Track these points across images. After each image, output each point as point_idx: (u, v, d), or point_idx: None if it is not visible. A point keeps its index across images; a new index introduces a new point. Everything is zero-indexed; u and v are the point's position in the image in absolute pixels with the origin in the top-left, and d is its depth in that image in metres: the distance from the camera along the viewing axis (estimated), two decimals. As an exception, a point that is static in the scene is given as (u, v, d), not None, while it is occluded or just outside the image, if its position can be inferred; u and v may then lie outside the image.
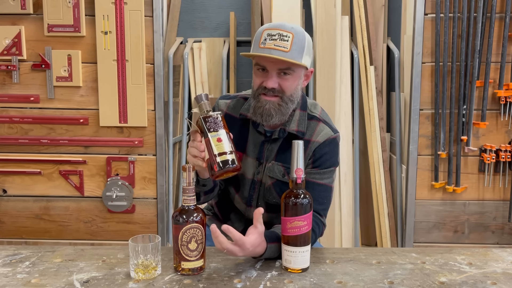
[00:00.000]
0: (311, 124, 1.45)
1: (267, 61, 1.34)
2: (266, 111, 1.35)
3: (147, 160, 2.40)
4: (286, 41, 1.31)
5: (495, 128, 2.35)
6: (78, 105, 2.36)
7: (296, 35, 1.33)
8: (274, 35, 1.32)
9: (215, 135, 1.22)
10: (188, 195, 1.17)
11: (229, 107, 1.53)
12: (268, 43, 1.32)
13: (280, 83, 1.35)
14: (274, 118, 1.37)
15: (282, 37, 1.31)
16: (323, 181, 1.43)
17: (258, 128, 1.45)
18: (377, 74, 2.69)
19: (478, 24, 2.26)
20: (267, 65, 1.34)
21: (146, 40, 2.31)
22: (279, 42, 1.31)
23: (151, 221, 2.44)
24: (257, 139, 1.46)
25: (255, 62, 1.38)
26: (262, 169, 1.46)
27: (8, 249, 1.35)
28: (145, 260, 1.16)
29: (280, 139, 1.44)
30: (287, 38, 1.31)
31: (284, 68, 1.33)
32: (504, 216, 2.41)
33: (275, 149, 1.45)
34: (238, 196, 1.53)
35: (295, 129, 1.42)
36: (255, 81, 1.39)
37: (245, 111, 1.47)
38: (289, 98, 1.37)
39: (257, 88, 1.38)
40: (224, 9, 2.94)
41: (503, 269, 1.24)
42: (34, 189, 2.41)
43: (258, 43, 1.34)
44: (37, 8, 2.29)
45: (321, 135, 1.44)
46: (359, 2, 2.66)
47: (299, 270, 1.20)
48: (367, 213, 2.85)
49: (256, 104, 1.38)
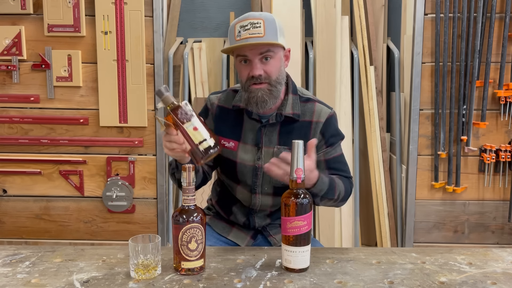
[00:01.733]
0: (307, 106, 1.52)
1: (247, 50, 1.40)
2: (260, 98, 1.42)
3: (147, 160, 2.40)
4: (259, 27, 1.38)
5: (495, 128, 2.35)
6: (78, 105, 2.36)
7: (266, 20, 1.40)
8: (246, 25, 1.39)
9: (190, 125, 1.23)
10: (188, 195, 1.17)
11: (221, 100, 1.58)
12: (242, 34, 1.38)
13: (265, 69, 1.41)
14: (268, 102, 1.43)
15: (253, 25, 1.38)
16: (338, 152, 1.54)
17: (252, 116, 1.50)
18: (377, 74, 2.69)
19: (478, 24, 2.26)
20: (248, 54, 1.40)
21: (146, 40, 2.31)
22: (253, 30, 1.38)
23: (151, 221, 2.44)
24: (253, 126, 1.51)
25: (236, 55, 1.44)
26: (262, 154, 1.49)
27: (8, 249, 1.35)
28: (145, 260, 1.16)
29: (277, 124, 1.50)
30: (258, 24, 1.38)
31: (264, 51, 1.39)
32: (504, 216, 2.41)
33: (275, 133, 1.50)
34: (240, 187, 1.55)
35: (290, 112, 1.48)
36: (242, 74, 1.45)
37: (238, 102, 1.53)
38: (276, 81, 1.44)
39: (246, 80, 1.44)
40: (224, 9, 2.94)
41: (503, 269, 1.24)
42: (34, 189, 2.41)
43: (234, 37, 1.40)
44: (37, 8, 2.29)
45: (321, 114, 1.51)
46: (359, 2, 2.66)
47: (299, 270, 1.20)
48: (367, 213, 2.85)
49: (249, 95, 1.43)
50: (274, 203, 1.55)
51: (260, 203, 1.54)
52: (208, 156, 1.24)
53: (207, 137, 1.24)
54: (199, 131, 1.23)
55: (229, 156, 1.54)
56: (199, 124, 1.24)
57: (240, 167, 1.52)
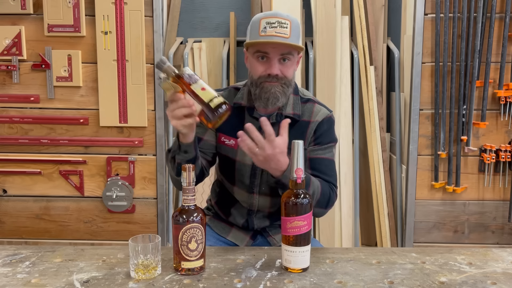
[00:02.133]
0: (307, 106, 1.52)
1: (270, 48, 1.38)
2: (273, 94, 1.40)
3: (147, 160, 2.40)
4: (286, 28, 1.37)
5: (495, 128, 2.35)
6: (78, 105, 2.36)
7: (293, 23, 1.39)
8: (273, 22, 1.37)
9: (197, 86, 1.25)
10: (188, 195, 1.17)
11: (222, 97, 1.55)
12: (268, 30, 1.37)
13: (282, 69, 1.40)
14: (280, 100, 1.43)
15: (281, 24, 1.37)
16: (326, 155, 1.49)
17: (253, 114, 1.50)
18: (377, 74, 2.69)
19: (478, 24, 2.26)
20: (270, 52, 1.38)
21: (146, 40, 2.31)
22: (280, 29, 1.36)
23: (151, 221, 2.44)
24: (254, 125, 1.48)
25: (256, 50, 1.41)
26: None
27: (8, 249, 1.35)
28: (145, 260, 1.16)
29: (277, 124, 1.47)
30: (285, 25, 1.37)
31: (286, 53, 1.39)
32: (504, 216, 2.41)
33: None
34: (238, 187, 1.54)
35: (291, 112, 1.48)
36: (257, 69, 1.42)
37: (239, 100, 1.52)
38: (290, 82, 1.44)
39: (259, 76, 1.42)
40: (224, 9, 2.94)
41: (503, 269, 1.24)
42: (34, 189, 2.41)
43: (258, 32, 1.38)
44: (37, 8, 2.29)
45: (319, 115, 1.51)
46: (359, 2, 2.66)
47: (299, 270, 1.20)
48: (367, 213, 2.85)
49: (261, 91, 1.42)
50: (272, 203, 1.54)
51: (258, 203, 1.54)
52: (220, 114, 1.25)
53: (216, 95, 1.26)
54: (207, 90, 1.26)
55: (228, 154, 1.53)
56: (206, 84, 1.27)
57: (238, 165, 1.52)
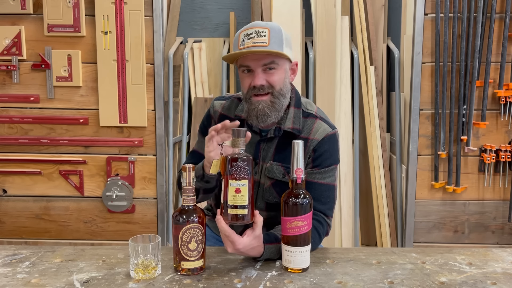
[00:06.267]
0: (307, 122, 1.43)
1: (250, 60, 1.34)
2: (261, 111, 1.35)
3: (147, 160, 2.40)
4: (263, 36, 1.32)
5: (495, 128, 2.35)
6: (78, 105, 2.36)
7: (272, 30, 1.34)
8: (251, 33, 1.33)
9: (235, 184, 1.14)
10: (188, 195, 1.17)
11: (224, 107, 1.53)
12: (246, 42, 1.33)
13: (267, 79, 1.35)
14: (270, 116, 1.36)
15: (258, 33, 1.33)
16: (325, 181, 1.41)
17: (253, 128, 1.44)
18: (377, 74, 2.69)
19: (478, 24, 2.26)
20: (251, 64, 1.34)
21: (146, 40, 2.31)
22: (257, 38, 1.32)
23: (151, 221, 2.44)
24: (252, 139, 1.44)
25: (239, 64, 1.38)
26: (259, 169, 1.44)
27: (8, 249, 1.35)
28: (145, 260, 1.16)
29: (276, 138, 1.43)
30: (263, 33, 1.32)
31: (268, 62, 1.34)
32: (504, 216, 2.41)
33: (272, 148, 1.44)
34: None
35: (290, 126, 1.40)
36: (244, 84, 1.39)
37: (240, 112, 1.47)
38: (280, 92, 1.36)
39: (247, 90, 1.37)
40: (224, 9, 2.94)
41: (503, 269, 1.24)
42: (34, 189, 2.41)
43: (238, 46, 1.35)
44: (37, 8, 2.29)
45: (319, 132, 1.41)
46: (359, 2, 2.66)
47: (299, 270, 1.20)
48: (367, 213, 2.85)
49: (250, 107, 1.37)
50: (267, 216, 1.47)
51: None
52: (232, 222, 1.16)
53: (242, 205, 1.14)
54: (239, 195, 1.14)
55: None
56: (244, 188, 1.14)
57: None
